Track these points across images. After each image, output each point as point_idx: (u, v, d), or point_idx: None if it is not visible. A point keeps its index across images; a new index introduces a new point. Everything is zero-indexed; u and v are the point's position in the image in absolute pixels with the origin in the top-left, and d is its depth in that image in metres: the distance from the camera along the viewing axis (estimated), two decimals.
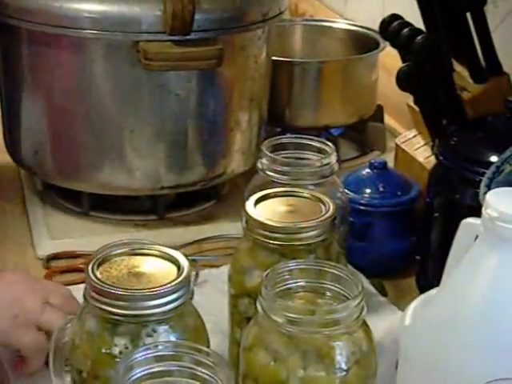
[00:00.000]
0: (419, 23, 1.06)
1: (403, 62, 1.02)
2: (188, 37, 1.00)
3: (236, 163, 1.13)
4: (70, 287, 0.91)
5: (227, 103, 1.09)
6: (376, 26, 1.09)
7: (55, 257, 1.06)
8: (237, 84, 1.09)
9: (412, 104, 1.04)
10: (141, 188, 1.09)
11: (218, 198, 1.18)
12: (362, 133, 1.33)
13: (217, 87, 1.07)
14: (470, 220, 0.70)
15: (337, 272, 0.71)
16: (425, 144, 1.09)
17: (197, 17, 1.00)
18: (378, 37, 1.28)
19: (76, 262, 1.05)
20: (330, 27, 1.41)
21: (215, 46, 1.01)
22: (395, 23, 1.03)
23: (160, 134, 1.06)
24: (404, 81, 0.97)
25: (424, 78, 0.98)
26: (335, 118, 1.29)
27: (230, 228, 1.08)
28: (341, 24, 1.43)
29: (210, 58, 1.01)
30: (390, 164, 1.13)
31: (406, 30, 0.99)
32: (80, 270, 1.02)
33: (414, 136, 1.11)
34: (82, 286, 0.69)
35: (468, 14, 1.02)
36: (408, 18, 1.06)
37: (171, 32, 0.99)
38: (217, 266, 1.03)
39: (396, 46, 1.02)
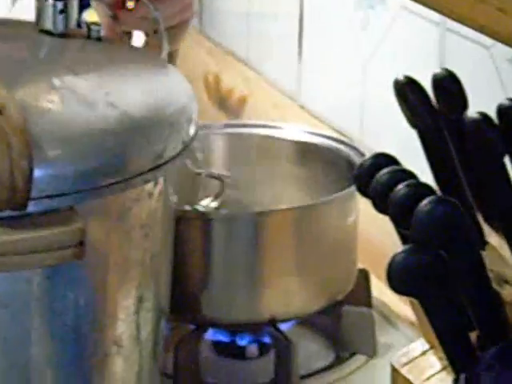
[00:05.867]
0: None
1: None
2: (25, 211, 0.60)
3: None
4: None
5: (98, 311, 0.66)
6: None
7: None
8: (114, 278, 0.67)
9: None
10: None
11: None
12: (334, 324, 0.85)
13: (77, 289, 0.65)
14: None
15: None
16: (442, 369, 0.65)
17: (37, 174, 0.59)
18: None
19: None
20: None
21: (72, 223, 0.60)
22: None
23: None
24: (401, 279, 0.55)
25: (435, 272, 0.56)
26: (286, 303, 0.81)
27: None
28: None
29: (64, 246, 0.59)
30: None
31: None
32: None
33: (423, 353, 0.67)
34: None
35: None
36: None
37: None
38: None
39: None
